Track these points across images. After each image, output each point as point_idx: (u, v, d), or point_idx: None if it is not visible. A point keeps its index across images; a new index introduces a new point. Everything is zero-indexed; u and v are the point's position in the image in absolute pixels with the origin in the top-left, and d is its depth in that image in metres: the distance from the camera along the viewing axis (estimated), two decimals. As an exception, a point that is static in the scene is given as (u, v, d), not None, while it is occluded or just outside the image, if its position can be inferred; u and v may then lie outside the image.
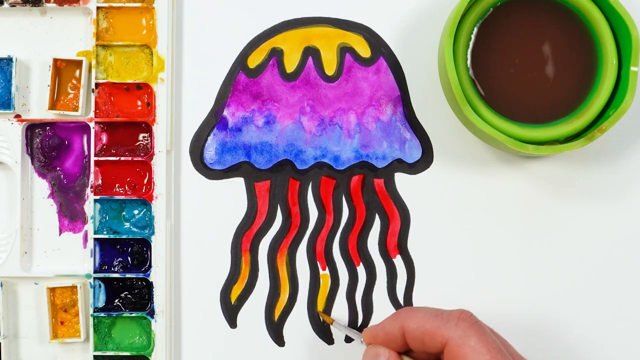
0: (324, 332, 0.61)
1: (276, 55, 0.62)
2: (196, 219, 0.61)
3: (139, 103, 0.61)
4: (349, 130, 0.62)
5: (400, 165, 0.62)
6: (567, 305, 0.61)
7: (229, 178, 0.62)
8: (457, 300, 0.61)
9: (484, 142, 0.60)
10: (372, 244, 0.62)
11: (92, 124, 0.61)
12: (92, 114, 0.61)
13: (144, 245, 0.61)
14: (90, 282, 0.61)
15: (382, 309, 0.61)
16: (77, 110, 0.61)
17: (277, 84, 0.62)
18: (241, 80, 0.62)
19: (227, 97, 0.62)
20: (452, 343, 0.51)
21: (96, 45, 0.61)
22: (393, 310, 0.61)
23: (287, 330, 0.61)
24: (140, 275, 0.60)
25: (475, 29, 0.58)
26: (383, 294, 0.61)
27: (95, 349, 0.60)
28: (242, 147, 0.62)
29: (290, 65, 0.62)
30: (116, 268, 0.61)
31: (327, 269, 0.61)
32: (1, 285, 0.60)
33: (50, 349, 0.61)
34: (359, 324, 0.61)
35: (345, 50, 0.62)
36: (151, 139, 0.61)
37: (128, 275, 0.60)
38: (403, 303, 0.61)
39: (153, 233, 0.60)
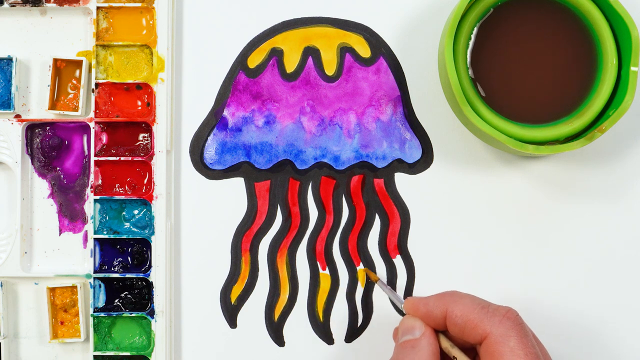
0: (324, 332, 0.61)
1: (276, 55, 0.62)
2: (196, 219, 0.62)
3: (139, 103, 0.61)
4: (349, 130, 0.62)
5: (400, 165, 0.62)
6: (567, 304, 0.61)
7: (229, 178, 0.62)
8: (457, 300, 0.61)
9: (484, 142, 0.60)
10: (372, 244, 0.62)
11: (92, 124, 0.61)
12: (92, 114, 0.61)
13: (144, 245, 0.61)
14: (90, 282, 0.61)
15: (382, 309, 0.61)
16: (77, 110, 0.61)
17: (277, 84, 0.62)
18: (241, 80, 0.62)
19: (227, 97, 0.62)
20: (492, 339, 0.51)
21: (96, 45, 0.61)
22: (393, 310, 0.61)
23: (287, 330, 0.61)
24: (140, 275, 0.60)
25: (475, 29, 0.58)
26: (383, 294, 0.61)
27: (95, 349, 0.60)
28: (242, 147, 0.62)
29: (290, 65, 0.62)
30: (116, 268, 0.61)
31: (327, 269, 0.61)
32: (1, 285, 0.60)
33: (50, 349, 0.61)
34: (359, 324, 0.61)
35: (345, 50, 0.62)
36: (151, 139, 0.61)
37: (128, 275, 0.60)
38: (403, 303, 0.61)
39: (153, 233, 0.60)
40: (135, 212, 0.61)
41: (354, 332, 0.61)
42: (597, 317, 0.61)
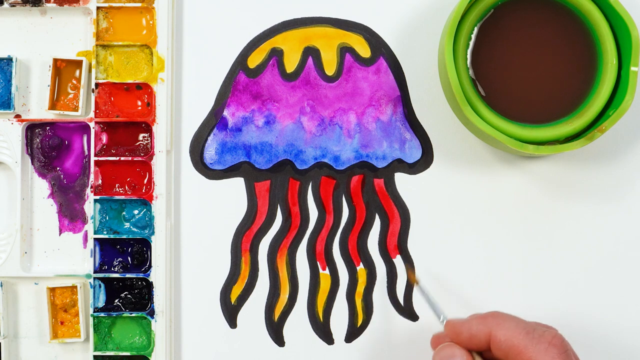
0: (324, 332, 0.61)
1: (276, 55, 0.62)
2: (196, 219, 0.62)
3: (139, 103, 0.61)
4: (349, 130, 0.62)
5: (400, 165, 0.62)
6: (567, 304, 0.61)
7: (229, 178, 0.62)
8: (457, 300, 0.61)
9: (484, 142, 0.60)
10: (372, 244, 0.62)
11: (92, 124, 0.61)
12: (92, 114, 0.61)
13: (144, 245, 0.61)
14: (90, 282, 0.61)
15: (382, 309, 0.61)
16: (77, 110, 0.61)
17: (277, 84, 0.62)
18: (241, 80, 0.62)
19: (227, 97, 0.62)
20: None
21: (96, 45, 0.61)
22: (393, 310, 0.61)
23: (287, 330, 0.61)
24: (140, 275, 0.60)
25: (475, 29, 0.58)
26: (383, 294, 0.61)
27: (95, 349, 0.60)
28: (242, 147, 0.62)
29: (290, 65, 0.62)
30: (116, 268, 0.61)
31: (327, 269, 0.61)
32: (1, 285, 0.60)
33: (50, 349, 0.61)
34: (359, 324, 0.61)
35: (345, 50, 0.62)
36: (151, 139, 0.61)
37: (128, 275, 0.60)
38: (403, 303, 0.61)
39: (153, 233, 0.60)
40: (135, 212, 0.61)
41: (354, 332, 0.61)
42: (597, 317, 0.61)
